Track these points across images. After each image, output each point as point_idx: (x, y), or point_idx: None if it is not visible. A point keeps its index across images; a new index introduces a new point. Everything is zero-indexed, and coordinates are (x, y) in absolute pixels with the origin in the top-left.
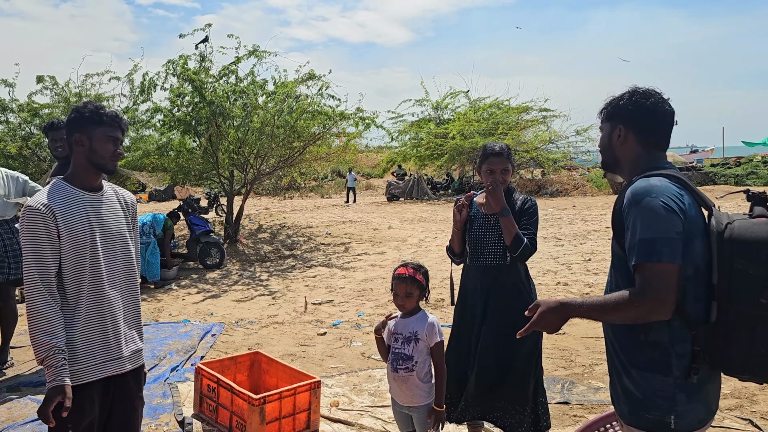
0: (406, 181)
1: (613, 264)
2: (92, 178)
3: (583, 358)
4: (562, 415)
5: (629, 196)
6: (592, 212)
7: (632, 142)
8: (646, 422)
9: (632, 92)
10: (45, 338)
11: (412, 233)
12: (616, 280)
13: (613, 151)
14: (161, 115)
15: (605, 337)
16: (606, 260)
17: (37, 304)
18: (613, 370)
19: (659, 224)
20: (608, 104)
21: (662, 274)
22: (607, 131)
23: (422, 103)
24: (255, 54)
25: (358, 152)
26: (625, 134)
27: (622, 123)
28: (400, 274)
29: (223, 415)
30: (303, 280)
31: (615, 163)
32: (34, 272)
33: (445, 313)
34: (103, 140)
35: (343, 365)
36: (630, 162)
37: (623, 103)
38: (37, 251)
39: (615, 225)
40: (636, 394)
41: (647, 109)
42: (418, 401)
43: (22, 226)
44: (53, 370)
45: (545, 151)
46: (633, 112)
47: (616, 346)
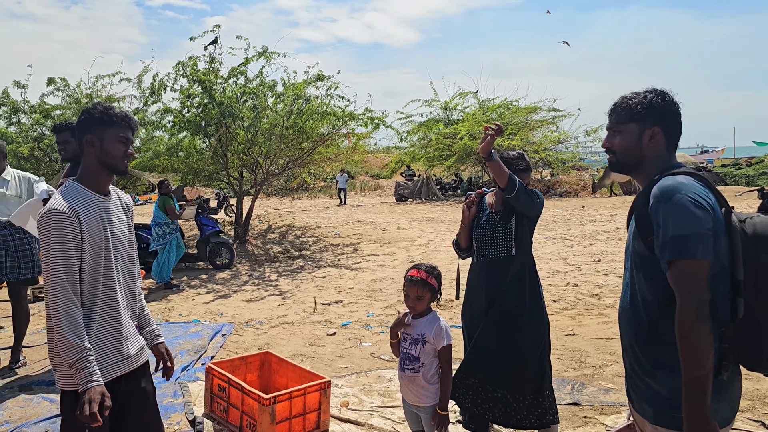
0: (414, 181)
1: (635, 264)
2: (104, 180)
3: (593, 360)
4: (572, 416)
5: (657, 194)
6: (601, 213)
7: (660, 144)
8: (674, 421)
9: (660, 93)
10: (76, 341)
11: (420, 234)
12: (638, 279)
13: (641, 151)
14: (171, 116)
15: (624, 340)
16: (616, 261)
17: (66, 307)
18: (633, 373)
19: (691, 220)
20: (634, 104)
21: (697, 271)
22: (635, 132)
23: (431, 103)
24: (264, 55)
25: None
26: (656, 135)
27: (656, 124)
28: (412, 277)
29: (234, 415)
30: (312, 280)
31: (637, 164)
32: (62, 275)
33: (454, 313)
34: (114, 141)
35: (352, 365)
36: (653, 163)
37: (656, 104)
38: (65, 254)
39: (640, 224)
40: (662, 394)
41: (676, 111)
42: (425, 402)
43: (47, 228)
44: (86, 372)
45: (554, 151)
46: (665, 113)
47: (638, 348)
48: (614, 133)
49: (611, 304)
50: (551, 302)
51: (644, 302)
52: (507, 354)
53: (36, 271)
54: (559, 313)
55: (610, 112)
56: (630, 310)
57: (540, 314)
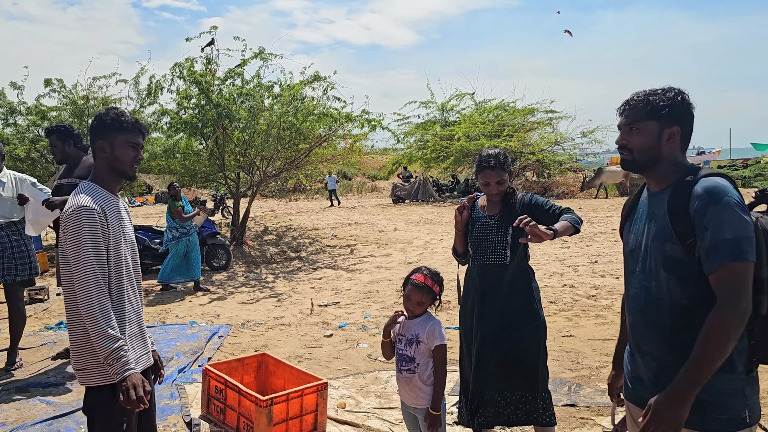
0: (411, 183)
1: (664, 267)
2: (115, 183)
3: (590, 361)
4: (569, 417)
5: (704, 196)
6: (598, 214)
7: (677, 143)
8: (721, 423)
9: (680, 92)
10: (112, 332)
11: (417, 235)
12: (668, 282)
13: (659, 151)
14: (168, 117)
15: (652, 349)
16: (613, 262)
17: (100, 299)
18: (665, 381)
19: (742, 223)
20: (655, 101)
21: (747, 273)
22: (655, 130)
23: (428, 105)
24: (261, 56)
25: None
26: (675, 135)
27: (676, 123)
28: (418, 282)
29: (231, 417)
30: (309, 282)
31: (653, 164)
32: (96, 269)
33: (451, 315)
34: (125, 147)
35: (349, 367)
36: (668, 163)
37: (677, 103)
38: (96, 249)
39: (678, 226)
40: (705, 399)
41: (692, 111)
42: (422, 403)
43: (77, 225)
44: (123, 361)
45: (551, 153)
46: (685, 112)
47: (669, 354)
48: (631, 130)
49: (608, 305)
50: (548, 303)
51: (678, 307)
52: (500, 360)
53: (33, 272)
54: (556, 314)
55: (625, 108)
56: (657, 314)
57: (534, 321)
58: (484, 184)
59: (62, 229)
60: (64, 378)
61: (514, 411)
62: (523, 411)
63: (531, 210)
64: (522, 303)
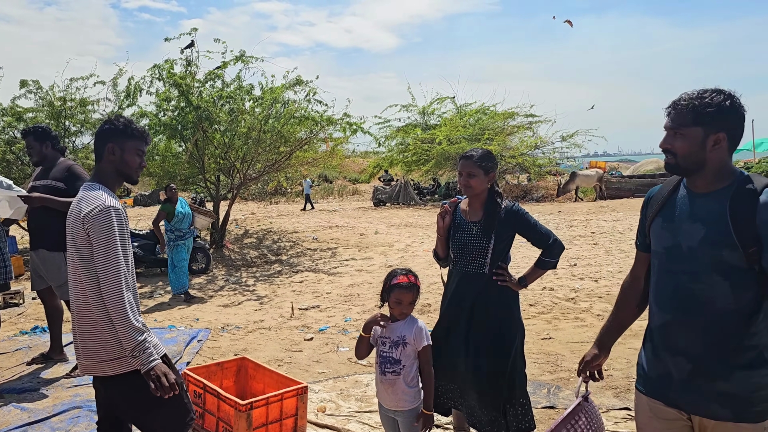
0: (392, 186)
1: (719, 272)
2: (116, 186)
3: (569, 363)
4: (548, 419)
5: None
6: (577, 218)
7: (724, 149)
8: (755, 415)
9: (729, 96)
10: (139, 325)
11: (398, 238)
12: (721, 288)
13: (704, 157)
14: (147, 119)
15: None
16: (592, 265)
17: (128, 294)
18: (701, 380)
19: None
20: (702, 106)
21: None
22: (699, 136)
23: (409, 108)
24: (242, 59)
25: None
26: (721, 141)
27: (723, 129)
28: (403, 283)
29: (210, 422)
30: (289, 285)
31: (698, 169)
32: (122, 265)
33: (431, 318)
34: (132, 153)
35: (329, 370)
36: (716, 167)
37: (725, 108)
38: (123, 246)
39: (741, 235)
40: (740, 395)
41: (742, 115)
42: (404, 405)
43: (107, 223)
44: (148, 352)
45: (531, 156)
46: (733, 119)
47: (712, 354)
48: (675, 135)
49: (587, 308)
50: (527, 306)
51: (727, 311)
52: (475, 366)
53: (8, 276)
54: (536, 317)
55: (671, 111)
56: (702, 317)
57: (512, 329)
58: (459, 174)
59: (88, 228)
60: (39, 384)
61: (494, 418)
62: (502, 418)
63: (515, 222)
64: (500, 311)
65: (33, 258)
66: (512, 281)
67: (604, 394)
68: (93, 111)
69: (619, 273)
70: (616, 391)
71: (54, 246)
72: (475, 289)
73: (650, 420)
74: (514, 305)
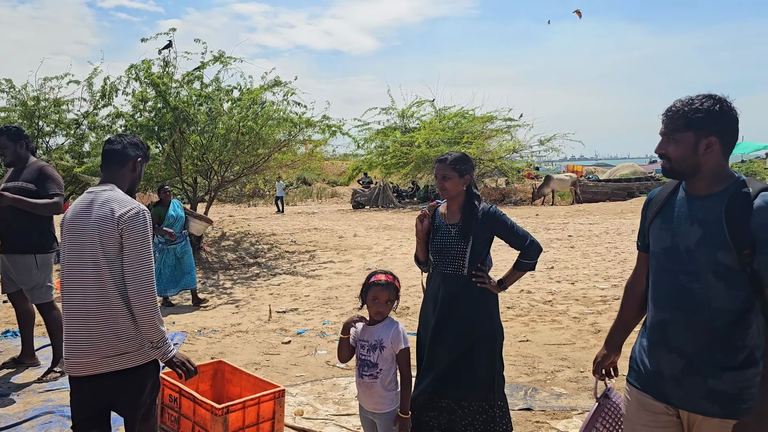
0: (371, 189)
1: (715, 274)
2: None
3: (546, 365)
4: (524, 421)
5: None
6: (554, 221)
7: (717, 153)
8: (743, 412)
9: (718, 100)
10: (161, 320)
11: (377, 241)
12: (715, 288)
13: (696, 161)
14: (123, 120)
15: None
16: (569, 268)
17: (155, 296)
18: (693, 377)
19: None
20: (692, 112)
21: None
22: (691, 141)
23: (388, 111)
24: (220, 60)
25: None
26: (713, 145)
27: (714, 134)
28: (380, 281)
29: (185, 426)
30: (267, 288)
31: (693, 173)
32: (153, 269)
33: (410, 321)
34: (142, 172)
35: (307, 374)
36: (711, 171)
37: (714, 113)
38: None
39: (736, 237)
40: (730, 392)
41: (733, 118)
42: (382, 408)
43: (144, 225)
44: (168, 343)
45: (509, 160)
46: (724, 123)
47: (706, 352)
48: (669, 140)
49: (564, 310)
50: (505, 309)
51: (721, 310)
52: (457, 369)
53: None
54: (513, 319)
55: (664, 117)
56: (697, 316)
57: (491, 331)
58: (435, 177)
59: (123, 228)
60: (9, 389)
61: (471, 422)
62: (480, 421)
63: (492, 224)
64: (479, 313)
65: (3, 261)
66: (491, 284)
67: (579, 396)
68: (67, 111)
69: (596, 276)
70: (592, 393)
71: (25, 248)
72: (454, 291)
73: (637, 412)
74: (493, 307)
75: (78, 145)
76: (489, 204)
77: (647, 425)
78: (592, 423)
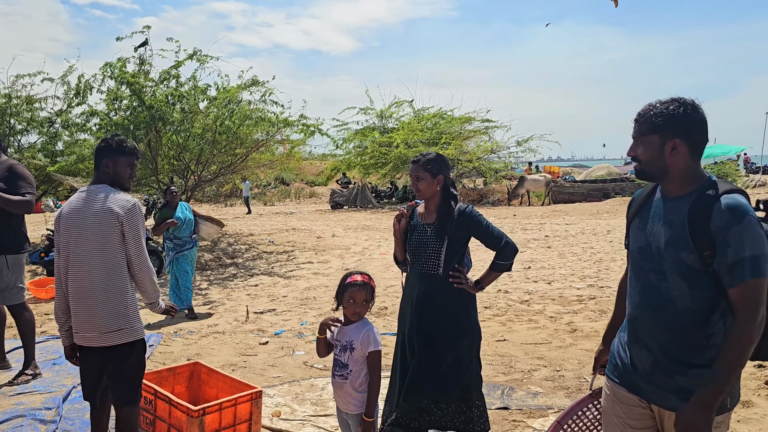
0: (350, 189)
1: (679, 274)
2: None
3: (523, 365)
4: (501, 420)
5: (727, 213)
6: (532, 221)
7: (684, 155)
8: None
9: (683, 104)
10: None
11: (355, 241)
12: (680, 288)
13: (663, 162)
14: (97, 118)
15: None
16: (545, 268)
17: (152, 268)
18: (660, 373)
19: (762, 242)
20: (656, 115)
21: (764, 288)
22: (657, 143)
23: (367, 111)
24: (197, 58)
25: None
26: (678, 147)
27: (678, 136)
28: (356, 282)
29: (161, 428)
30: (244, 288)
31: (662, 174)
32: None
33: (388, 321)
34: (124, 166)
35: (285, 375)
36: (680, 172)
37: (677, 115)
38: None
39: (697, 239)
40: (694, 389)
41: (699, 120)
42: (353, 409)
43: (141, 216)
44: (160, 303)
45: (487, 161)
46: (688, 125)
47: (673, 350)
48: (638, 143)
49: (540, 310)
50: (482, 309)
51: (686, 309)
52: (434, 369)
53: None
54: (490, 319)
55: (634, 121)
56: (665, 315)
57: (468, 330)
58: (410, 178)
59: (125, 220)
60: None
61: (451, 420)
62: (460, 421)
63: (468, 224)
64: (455, 313)
65: None
66: (468, 284)
67: (555, 395)
68: (40, 109)
69: (572, 275)
70: (568, 391)
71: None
72: (430, 291)
73: (613, 404)
74: (470, 307)
75: (51, 144)
76: (465, 204)
77: (621, 417)
78: (575, 409)
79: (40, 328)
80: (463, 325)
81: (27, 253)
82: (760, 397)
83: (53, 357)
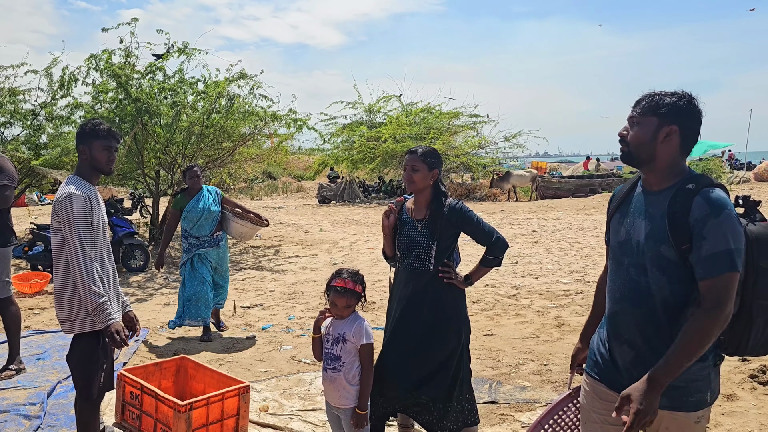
0: (338, 184)
1: (658, 267)
2: (95, 177)
3: (510, 359)
4: (489, 414)
5: (706, 207)
6: (519, 216)
7: (675, 145)
8: (689, 404)
9: (687, 96)
10: (98, 290)
11: (343, 236)
12: (659, 281)
13: (653, 148)
14: (82, 111)
15: (633, 339)
16: (533, 263)
17: (87, 265)
18: (641, 368)
19: (738, 236)
20: (660, 99)
21: (735, 282)
22: (653, 126)
23: (355, 106)
24: (184, 51)
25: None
26: (672, 135)
27: (675, 123)
28: (338, 287)
29: (147, 423)
30: (232, 283)
31: (648, 161)
32: (86, 244)
33: (376, 315)
34: (100, 150)
35: (272, 369)
36: (665, 163)
37: (680, 105)
38: (82, 227)
39: (676, 232)
40: (677, 384)
41: (697, 117)
42: (346, 403)
43: (69, 208)
44: (107, 312)
45: (475, 156)
46: (686, 116)
47: (653, 344)
48: (633, 123)
49: (528, 304)
50: (470, 303)
51: (665, 303)
52: (421, 363)
53: None
54: (478, 313)
55: (635, 102)
56: (644, 308)
57: (458, 326)
58: (404, 169)
59: (56, 212)
60: None
61: (441, 413)
62: (450, 414)
63: (459, 220)
64: (446, 309)
65: None
66: (458, 279)
67: (543, 388)
68: (24, 101)
69: (559, 270)
70: (555, 386)
71: None
72: (420, 287)
73: (592, 400)
74: (460, 302)
75: (35, 137)
76: (455, 200)
77: (601, 413)
78: (555, 409)
79: (25, 323)
80: (453, 319)
81: (12, 247)
82: (744, 391)
83: (38, 352)
